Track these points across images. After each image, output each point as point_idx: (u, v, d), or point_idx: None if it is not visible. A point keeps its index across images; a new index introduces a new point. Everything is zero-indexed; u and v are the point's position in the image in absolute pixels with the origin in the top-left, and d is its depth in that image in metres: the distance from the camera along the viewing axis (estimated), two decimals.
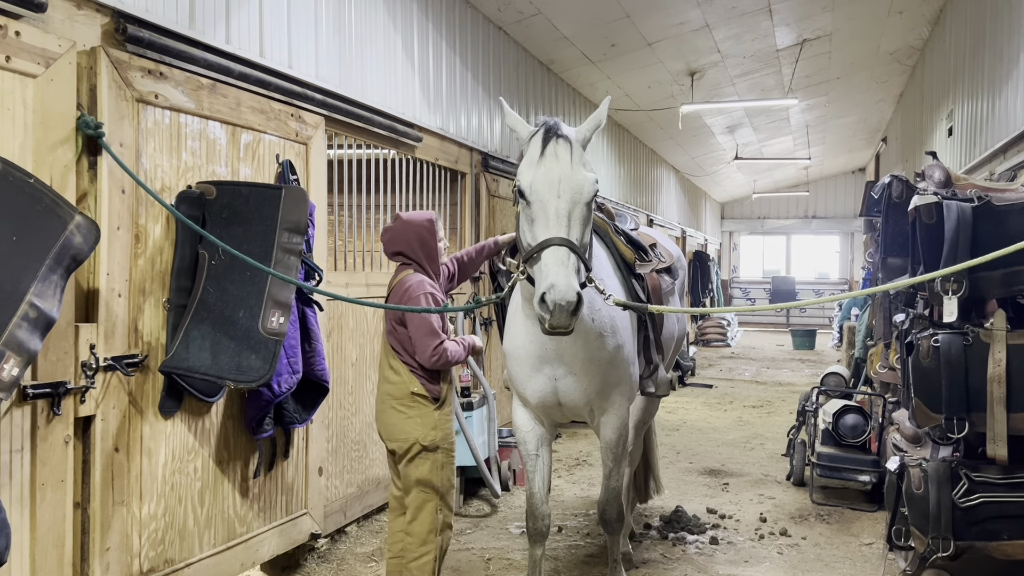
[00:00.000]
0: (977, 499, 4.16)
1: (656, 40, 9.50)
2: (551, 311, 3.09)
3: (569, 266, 3.15)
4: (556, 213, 3.25)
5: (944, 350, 4.18)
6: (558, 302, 3.07)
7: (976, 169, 7.23)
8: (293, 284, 3.87)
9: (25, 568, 3.27)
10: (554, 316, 3.10)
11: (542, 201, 3.29)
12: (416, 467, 4.01)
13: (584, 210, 3.33)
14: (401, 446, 4.02)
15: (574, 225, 3.27)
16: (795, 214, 26.31)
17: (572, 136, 3.41)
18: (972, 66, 7.70)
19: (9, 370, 2.84)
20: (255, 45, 4.62)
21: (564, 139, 3.38)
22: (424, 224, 4.09)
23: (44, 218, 3.03)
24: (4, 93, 3.14)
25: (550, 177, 3.30)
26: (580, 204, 3.30)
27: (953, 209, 4.13)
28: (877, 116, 15.71)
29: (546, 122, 3.44)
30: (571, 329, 3.19)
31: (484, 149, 7.79)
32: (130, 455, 3.76)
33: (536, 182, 3.32)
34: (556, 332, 3.19)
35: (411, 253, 4.09)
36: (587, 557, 5.32)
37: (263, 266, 3.69)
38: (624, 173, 13.84)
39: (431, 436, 4.00)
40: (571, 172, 3.31)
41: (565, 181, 3.29)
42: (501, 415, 7.54)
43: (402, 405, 4.01)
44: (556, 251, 3.18)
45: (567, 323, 3.13)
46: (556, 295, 3.08)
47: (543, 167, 3.33)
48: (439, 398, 4.04)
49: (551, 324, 3.14)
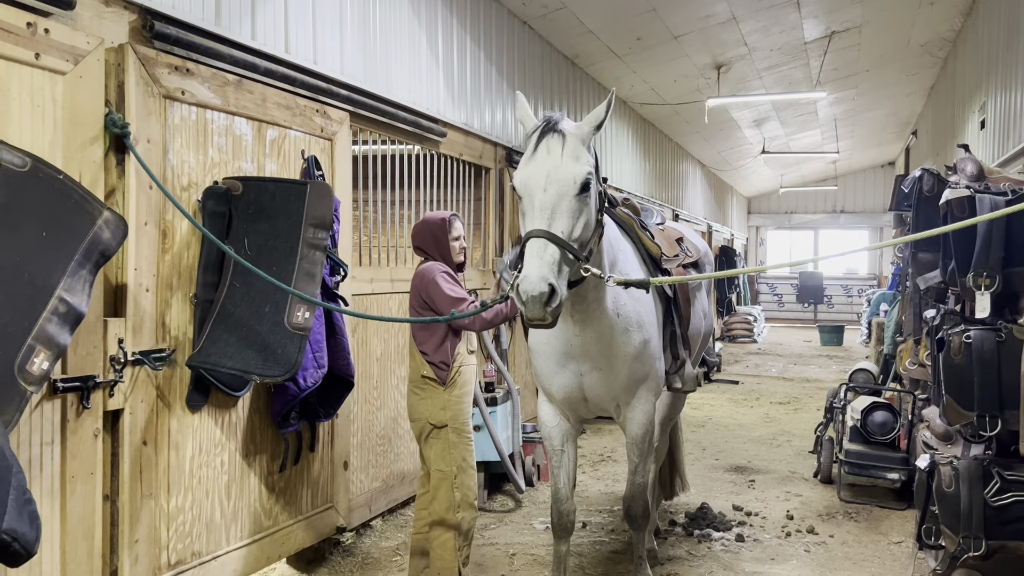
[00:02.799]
0: (1010, 498, 4.09)
1: (682, 33, 9.42)
2: (524, 303, 3.06)
3: (544, 258, 3.09)
4: (540, 206, 3.21)
5: (976, 346, 4.11)
6: (530, 293, 3.03)
7: (1010, 162, 7.09)
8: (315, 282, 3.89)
9: (56, 559, 3.31)
10: (528, 308, 3.06)
11: (530, 195, 3.26)
12: (430, 446, 4.35)
13: (573, 202, 3.25)
14: (416, 425, 4.39)
15: (560, 217, 3.21)
16: (823, 209, 26.02)
17: (569, 130, 3.36)
18: (1006, 57, 7.55)
19: (39, 364, 2.88)
20: (280, 41, 4.64)
21: (559, 133, 3.33)
22: (438, 222, 4.43)
23: (73, 214, 3.06)
24: (34, 90, 3.17)
25: (539, 171, 3.27)
26: (568, 196, 3.23)
27: (986, 203, 4.06)
28: (907, 109, 15.47)
29: (548, 118, 3.40)
30: (549, 322, 3.11)
31: (508, 144, 7.78)
32: (158, 449, 3.80)
33: (527, 177, 3.30)
34: (535, 325, 3.14)
35: (427, 248, 4.43)
36: (612, 553, 5.30)
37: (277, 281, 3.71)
38: (649, 168, 13.76)
39: (439, 416, 4.29)
40: (560, 164, 3.26)
41: (552, 174, 3.25)
42: (525, 411, 7.54)
43: (416, 388, 4.35)
44: (534, 243, 3.14)
45: (541, 315, 3.06)
46: (526, 286, 3.04)
47: (535, 162, 3.31)
48: (446, 381, 4.29)
49: (527, 317, 3.10)
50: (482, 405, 6.26)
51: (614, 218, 4.27)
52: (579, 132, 3.38)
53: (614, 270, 3.86)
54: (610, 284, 3.57)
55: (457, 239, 4.45)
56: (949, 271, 4.40)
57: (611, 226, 4.02)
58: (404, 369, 5.93)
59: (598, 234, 3.54)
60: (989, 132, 8.27)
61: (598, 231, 3.53)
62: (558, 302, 3.10)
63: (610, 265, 3.81)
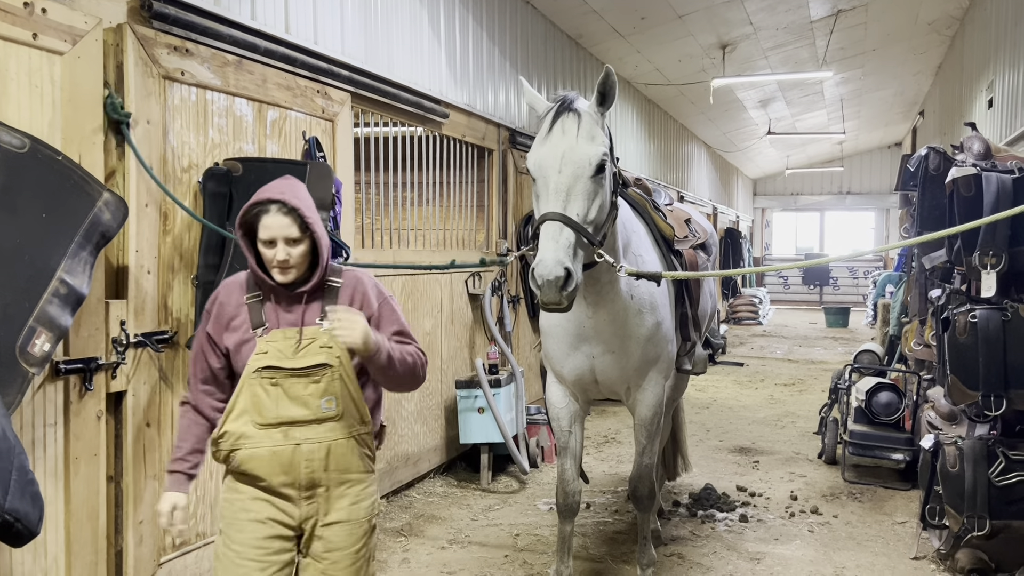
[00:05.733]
0: (1014, 477, 4.09)
1: (687, 12, 9.34)
2: (540, 287, 3.05)
3: (560, 241, 3.08)
4: (556, 188, 3.19)
5: (982, 326, 4.09)
6: (546, 277, 3.02)
7: (1018, 141, 7.03)
8: None
9: (60, 540, 3.33)
10: (543, 292, 3.05)
11: (545, 177, 3.23)
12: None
13: (589, 184, 3.22)
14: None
15: (575, 199, 3.18)
16: (829, 190, 25.89)
17: (584, 109, 3.32)
18: (1014, 35, 7.47)
19: (41, 345, 2.88)
20: (280, 21, 4.61)
21: (574, 113, 3.29)
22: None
23: (73, 195, 3.05)
24: (32, 71, 3.15)
25: (554, 152, 3.24)
26: (583, 178, 3.21)
27: (993, 181, 4.02)
28: (914, 88, 15.34)
29: (563, 97, 3.35)
30: (564, 306, 3.10)
31: (511, 125, 7.73)
32: (161, 430, 3.81)
33: (542, 158, 3.27)
34: (550, 309, 3.12)
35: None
36: (615, 534, 5.31)
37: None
38: (654, 149, 13.69)
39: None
40: (575, 145, 3.23)
41: (567, 155, 3.22)
42: (529, 393, 7.54)
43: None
44: (549, 226, 3.12)
45: (557, 299, 3.05)
46: (542, 270, 3.03)
47: (549, 143, 3.27)
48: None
49: (542, 300, 3.08)
50: (486, 387, 6.27)
51: (627, 199, 4.24)
52: (594, 111, 3.35)
53: (628, 251, 3.85)
54: (622, 275, 3.55)
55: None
56: (955, 250, 4.37)
57: (624, 207, 4.00)
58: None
59: (613, 216, 3.51)
60: (997, 111, 8.20)
61: (613, 213, 3.51)
62: (574, 286, 3.09)
63: (624, 247, 3.79)
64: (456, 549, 5.06)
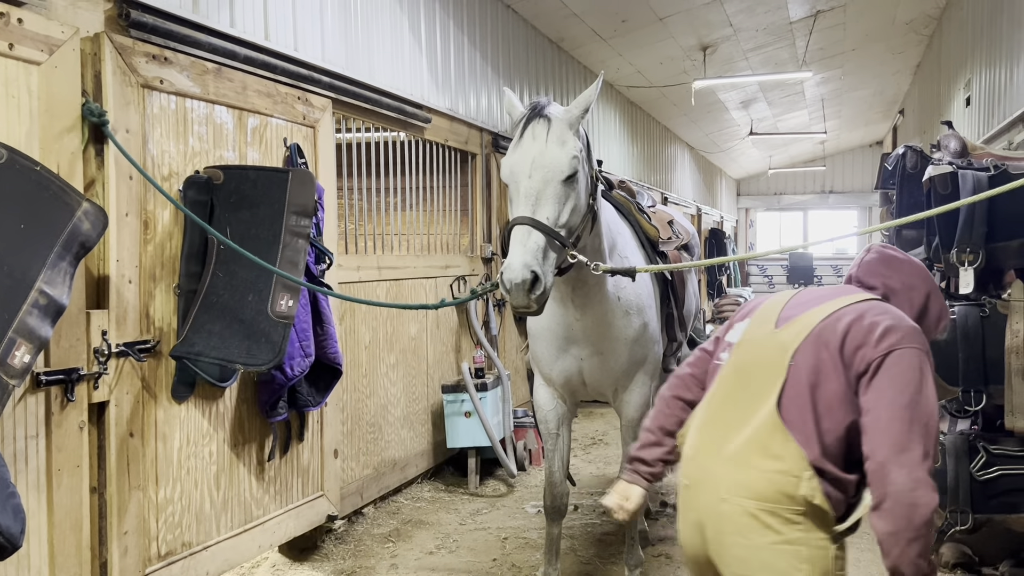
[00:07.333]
0: (996, 472, 4.12)
1: (667, 15, 9.38)
2: (508, 291, 3.07)
3: (528, 245, 3.09)
4: (526, 193, 3.21)
5: (961, 322, 4.13)
6: (513, 281, 3.04)
7: (995, 139, 7.11)
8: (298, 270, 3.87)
9: (44, 553, 3.30)
10: (512, 296, 3.07)
11: (516, 182, 3.26)
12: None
13: (559, 188, 3.23)
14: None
15: (545, 203, 3.19)
16: (812, 189, 26.03)
17: (556, 114, 3.33)
18: (990, 34, 7.55)
19: (21, 357, 2.86)
20: (260, 28, 4.60)
21: (544, 118, 3.30)
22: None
23: (51, 205, 3.03)
24: (8, 81, 3.14)
25: (524, 158, 3.26)
26: (553, 182, 3.22)
27: (968, 179, 4.06)
28: (894, 88, 15.47)
29: (534, 103, 3.38)
30: (534, 309, 3.12)
31: (494, 129, 7.74)
32: (145, 440, 3.79)
33: (513, 164, 3.29)
34: (521, 312, 3.16)
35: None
36: (603, 535, 5.32)
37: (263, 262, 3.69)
38: (637, 151, 13.73)
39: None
40: (544, 150, 3.25)
41: (537, 160, 3.24)
42: (515, 396, 7.55)
43: (773, 517, 2.16)
44: (518, 231, 3.14)
45: (526, 302, 3.07)
46: (509, 274, 3.05)
47: (520, 149, 3.29)
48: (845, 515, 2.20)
49: (511, 304, 3.12)
50: (472, 391, 6.27)
51: (611, 201, 4.26)
52: (567, 116, 3.35)
53: (614, 253, 3.88)
54: (596, 273, 3.56)
55: None
56: (933, 247, 4.41)
57: (609, 209, 4.02)
58: (392, 357, 5.92)
59: (589, 219, 3.52)
60: (974, 109, 8.28)
61: (589, 216, 3.51)
62: (542, 289, 3.10)
63: (609, 248, 3.81)
64: (444, 554, 5.06)
